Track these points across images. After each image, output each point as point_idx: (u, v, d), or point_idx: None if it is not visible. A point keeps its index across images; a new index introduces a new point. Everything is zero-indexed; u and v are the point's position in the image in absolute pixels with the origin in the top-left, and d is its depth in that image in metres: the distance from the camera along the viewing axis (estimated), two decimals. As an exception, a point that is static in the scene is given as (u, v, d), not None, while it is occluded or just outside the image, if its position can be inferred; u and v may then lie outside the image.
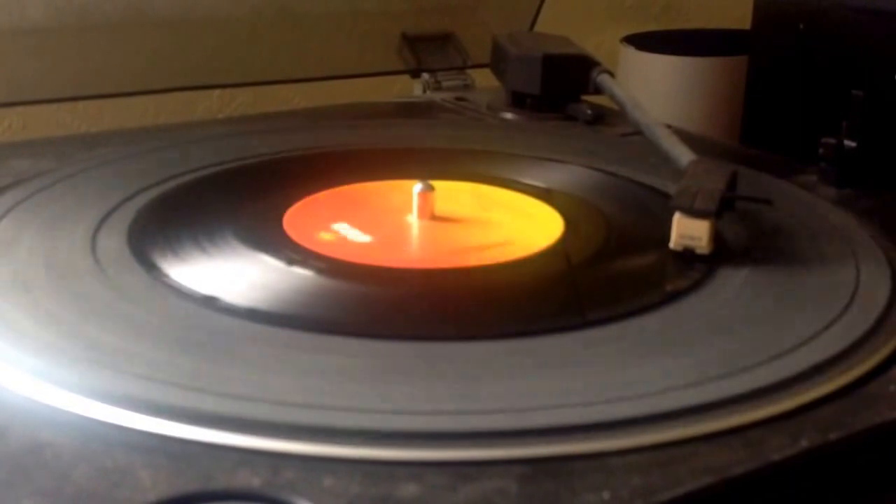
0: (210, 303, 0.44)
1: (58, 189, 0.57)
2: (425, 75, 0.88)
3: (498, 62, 0.81)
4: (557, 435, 0.35)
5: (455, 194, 0.58)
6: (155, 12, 0.77)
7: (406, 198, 0.55)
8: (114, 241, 0.50)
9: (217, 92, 1.03)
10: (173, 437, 0.35)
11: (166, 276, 0.47)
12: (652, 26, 1.19)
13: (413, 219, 0.54)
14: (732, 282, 0.48)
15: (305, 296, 0.46)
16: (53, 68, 0.74)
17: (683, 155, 0.58)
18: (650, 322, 0.44)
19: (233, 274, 0.48)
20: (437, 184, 0.55)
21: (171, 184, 0.59)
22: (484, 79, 0.87)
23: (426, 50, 0.89)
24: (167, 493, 0.32)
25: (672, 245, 0.50)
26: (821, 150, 0.63)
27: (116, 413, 0.35)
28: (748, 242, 0.52)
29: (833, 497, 0.37)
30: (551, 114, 0.77)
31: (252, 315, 0.43)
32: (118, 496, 0.32)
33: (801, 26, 0.87)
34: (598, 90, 0.75)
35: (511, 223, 0.55)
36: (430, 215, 0.54)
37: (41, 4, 0.72)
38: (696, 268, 0.49)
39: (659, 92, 1.04)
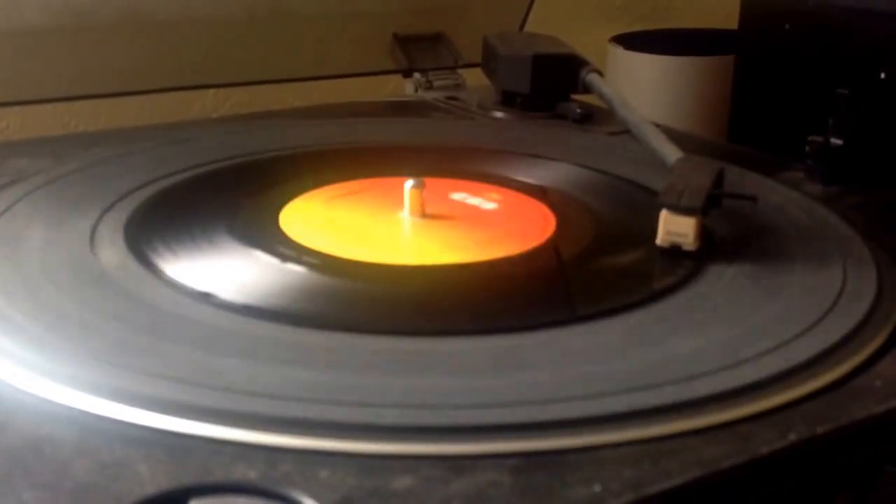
0: (206, 299, 0.44)
1: (56, 187, 0.57)
2: (417, 75, 0.89)
3: (488, 62, 0.82)
4: (550, 428, 0.35)
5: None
6: (150, 13, 0.77)
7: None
8: (111, 239, 0.51)
9: (211, 92, 1.04)
10: (171, 431, 0.35)
11: (163, 272, 0.47)
12: (640, 26, 1.19)
13: (405, 216, 0.55)
14: (719, 278, 0.48)
15: (300, 292, 0.46)
16: (51, 69, 0.75)
17: (671, 153, 0.58)
18: (639, 318, 0.44)
19: (229, 270, 0.48)
20: (428, 181, 0.55)
21: (168, 182, 0.59)
22: (475, 78, 0.88)
23: (418, 50, 0.89)
24: (165, 487, 0.32)
25: (659, 242, 0.50)
26: (807, 148, 0.64)
27: (115, 408, 0.36)
28: (735, 239, 0.53)
29: (820, 489, 0.38)
30: (541, 112, 0.78)
31: (248, 311, 0.43)
32: (117, 489, 0.32)
33: (788, 26, 0.87)
34: (587, 89, 0.75)
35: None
36: (422, 212, 0.55)
37: (38, 6, 0.72)
38: (682, 264, 0.49)
39: (647, 91, 1.05)
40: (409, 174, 0.56)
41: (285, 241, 0.51)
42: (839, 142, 0.63)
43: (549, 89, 0.78)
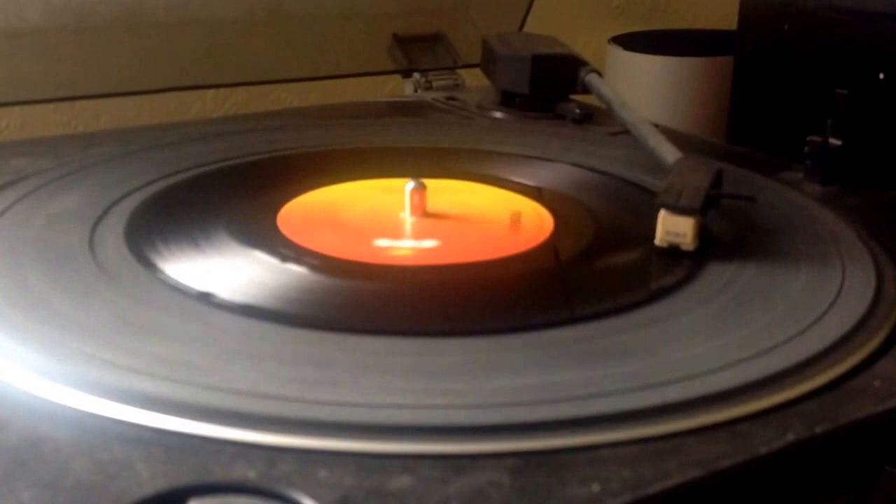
0: (205, 299, 0.44)
1: (56, 187, 0.57)
2: (416, 75, 0.89)
3: (488, 62, 0.82)
4: (548, 428, 0.36)
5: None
6: (150, 14, 0.77)
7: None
8: (111, 239, 0.51)
9: (211, 92, 1.04)
10: (170, 430, 0.35)
11: (163, 272, 0.47)
12: (639, 27, 1.19)
13: (405, 216, 0.55)
14: (718, 278, 0.48)
15: (299, 292, 0.46)
16: (51, 69, 0.75)
17: (669, 153, 0.59)
18: (637, 318, 0.44)
19: (228, 270, 0.48)
20: (428, 182, 0.56)
21: (167, 182, 0.59)
22: (474, 78, 0.88)
23: (417, 50, 0.89)
24: (164, 486, 0.32)
25: (657, 242, 0.50)
26: (806, 149, 0.64)
27: (114, 407, 0.36)
28: (734, 239, 0.53)
29: (820, 489, 0.38)
30: (540, 113, 0.78)
31: (247, 311, 0.43)
32: (116, 489, 0.32)
33: (786, 27, 0.87)
34: (586, 89, 0.75)
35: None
36: (422, 213, 0.55)
37: (38, 6, 0.73)
38: (681, 264, 0.49)
39: (646, 91, 1.05)
40: (409, 174, 0.56)
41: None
42: (838, 142, 0.63)
43: (549, 90, 0.78)
